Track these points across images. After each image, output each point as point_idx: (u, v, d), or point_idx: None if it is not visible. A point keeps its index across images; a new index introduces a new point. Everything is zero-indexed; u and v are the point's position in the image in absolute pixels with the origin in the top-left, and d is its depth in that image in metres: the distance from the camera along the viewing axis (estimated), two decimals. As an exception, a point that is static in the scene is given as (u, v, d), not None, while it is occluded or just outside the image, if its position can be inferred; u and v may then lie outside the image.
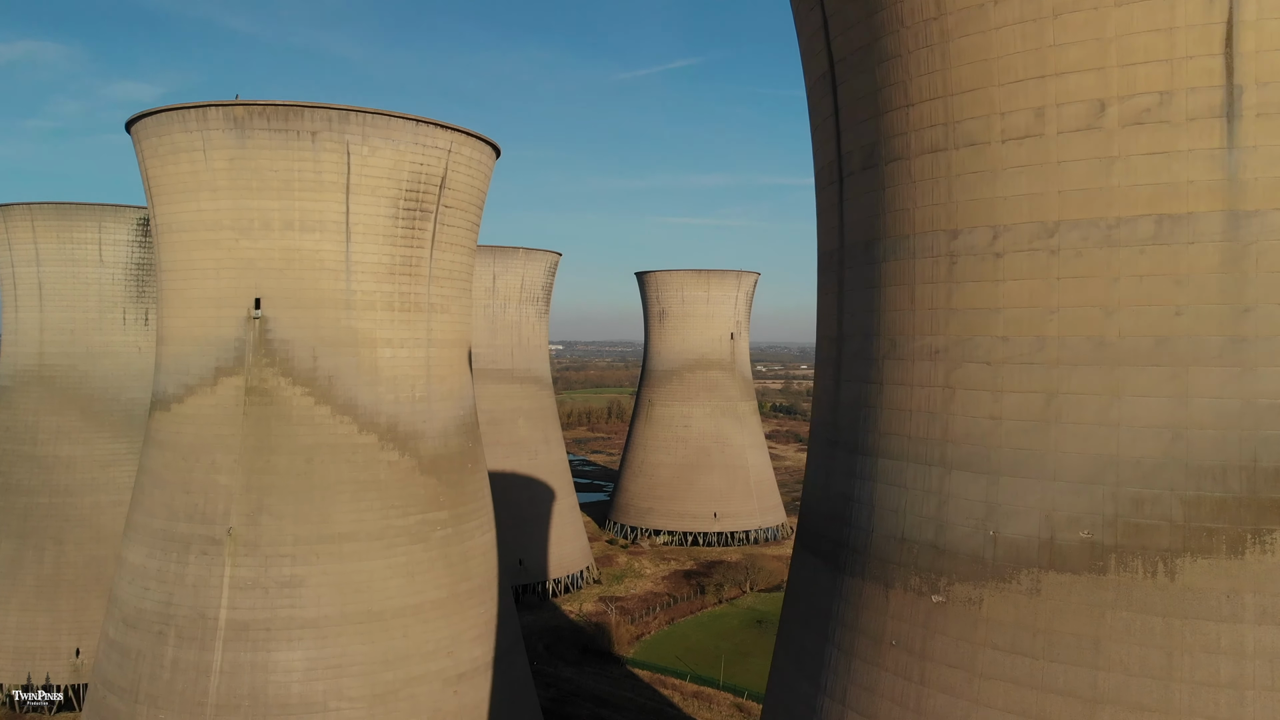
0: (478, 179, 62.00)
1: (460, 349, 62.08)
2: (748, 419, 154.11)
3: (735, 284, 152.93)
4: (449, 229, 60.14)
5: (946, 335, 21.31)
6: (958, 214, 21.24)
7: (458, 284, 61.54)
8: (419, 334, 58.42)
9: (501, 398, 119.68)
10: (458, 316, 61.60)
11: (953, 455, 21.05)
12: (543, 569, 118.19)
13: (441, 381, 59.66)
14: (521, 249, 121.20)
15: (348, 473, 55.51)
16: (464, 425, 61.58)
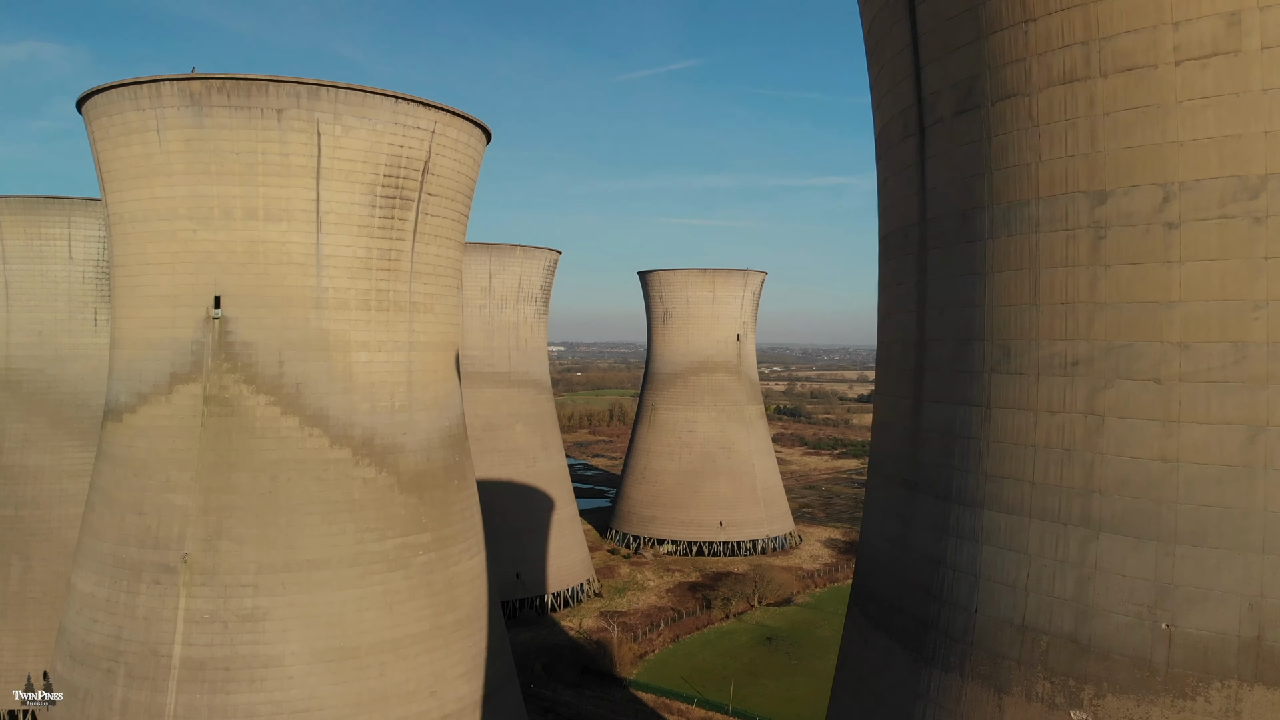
0: (465, 165, 55.44)
1: (446, 353, 55.53)
2: (754, 423, 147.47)
3: (741, 283, 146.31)
4: (433, 220, 53.57)
5: (1091, 341, 14.89)
6: (1107, 169, 14.78)
7: (443, 281, 54.96)
8: (399, 336, 51.83)
9: (498, 402, 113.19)
10: (443, 317, 55.02)
11: (1103, 512, 14.63)
12: (541, 582, 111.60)
13: (424, 389, 53.07)
14: (519, 246, 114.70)
15: (318, 492, 48.92)
16: (450, 437, 54.99)
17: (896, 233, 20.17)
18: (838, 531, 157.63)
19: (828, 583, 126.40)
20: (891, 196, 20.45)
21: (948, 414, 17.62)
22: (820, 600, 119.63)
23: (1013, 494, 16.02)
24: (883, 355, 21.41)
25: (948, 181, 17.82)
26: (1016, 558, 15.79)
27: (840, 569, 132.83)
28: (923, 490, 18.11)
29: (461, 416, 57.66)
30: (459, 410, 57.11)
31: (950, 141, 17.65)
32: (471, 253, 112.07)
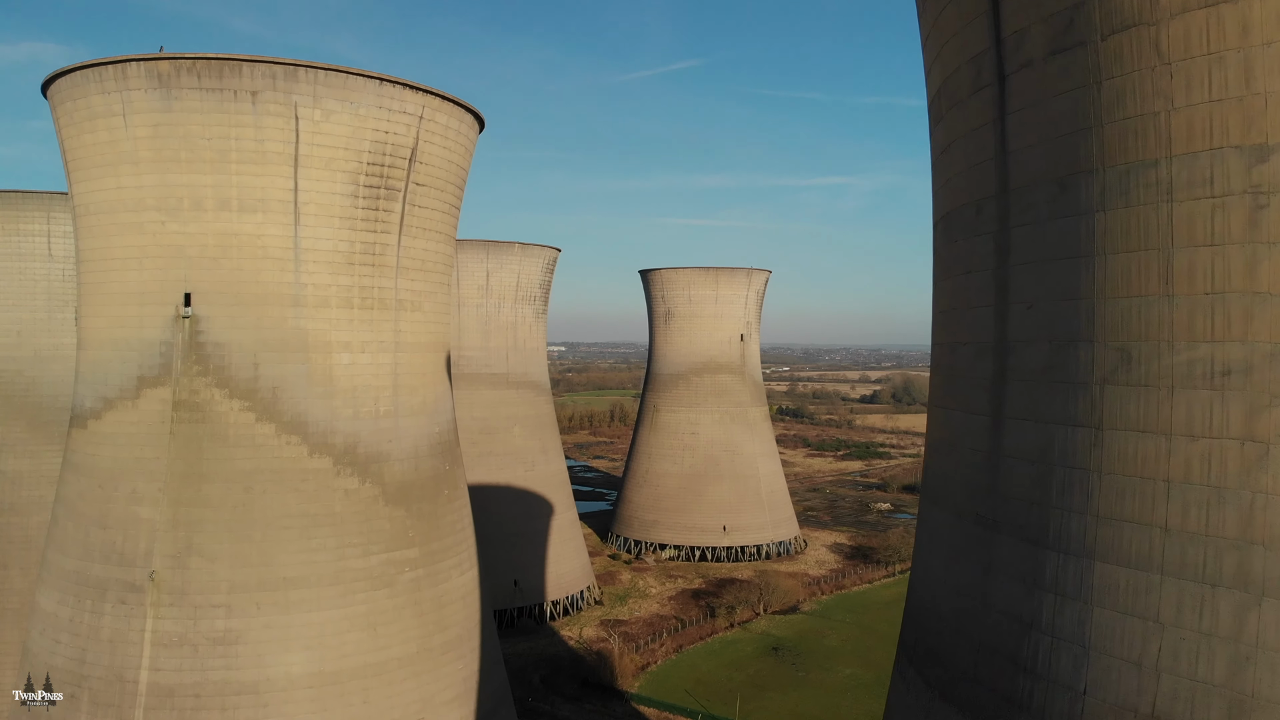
0: (456, 153, 51.67)
1: (435, 354, 51.78)
2: (759, 426, 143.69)
3: (745, 282, 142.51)
4: (421, 211, 49.79)
5: (1249, 344, 11.19)
6: (1268, 115, 11.06)
7: (432, 277, 51.20)
8: (384, 336, 48.06)
9: (495, 404, 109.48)
10: (432, 315, 51.25)
11: (1268, 571, 10.94)
12: (540, 590, 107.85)
13: (412, 393, 49.28)
14: (517, 244, 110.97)
15: (296, 504, 45.15)
16: (440, 445, 51.20)
17: (964, 209, 16.29)
18: (844, 536, 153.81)
19: (834, 589, 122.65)
20: (956, 166, 16.65)
21: (1041, 436, 13.85)
22: (827, 608, 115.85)
23: (1137, 543, 12.24)
24: (944, 360, 17.64)
25: (1039, 141, 14.06)
26: (1144, 626, 12.03)
27: (847, 575, 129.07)
28: (1006, 531, 14.36)
29: (452, 422, 53.90)
30: (450, 416, 53.34)
31: (1043, 90, 13.83)
32: (468, 250, 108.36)
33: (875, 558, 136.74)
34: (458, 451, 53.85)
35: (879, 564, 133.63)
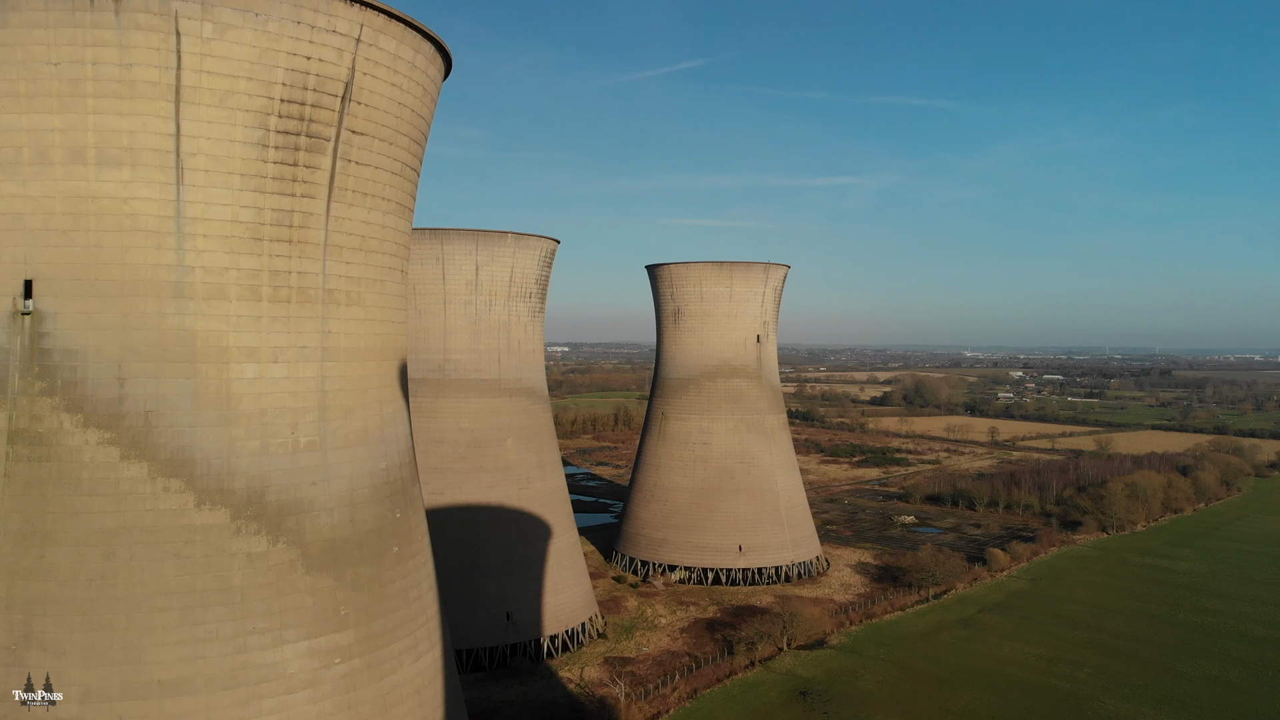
0: (410, 94, 38.37)
1: (383, 363, 38.52)
2: (777, 435, 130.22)
3: (762, 278, 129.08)
4: (361, 171, 36.53)
5: None
6: None
7: (376, 260, 37.90)
8: (306, 340, 34.82)
9: (486, 414, 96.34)
10: (378, 312, 37.97)
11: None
12: (535, 624, 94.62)
13: (347, 416, 36.05)
14: (510, 234, 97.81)
15: (177, 576, 31.95)
16: (388, 485, 37.90)
17: None
18: (868, 554, 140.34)
19: (864, 618, 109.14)
20: None
21: None
22: (858, 641, 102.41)
23: None
24: None
25: None
26: None
27: (876, 600, 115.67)
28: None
29: (408, 454, 40.58)
30: (404, 445, 40.03)
31: None
32: (455, 241, 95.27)
33: (906, 580, 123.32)
34: (415, 491, 40.51)
35: (910, 587, 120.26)
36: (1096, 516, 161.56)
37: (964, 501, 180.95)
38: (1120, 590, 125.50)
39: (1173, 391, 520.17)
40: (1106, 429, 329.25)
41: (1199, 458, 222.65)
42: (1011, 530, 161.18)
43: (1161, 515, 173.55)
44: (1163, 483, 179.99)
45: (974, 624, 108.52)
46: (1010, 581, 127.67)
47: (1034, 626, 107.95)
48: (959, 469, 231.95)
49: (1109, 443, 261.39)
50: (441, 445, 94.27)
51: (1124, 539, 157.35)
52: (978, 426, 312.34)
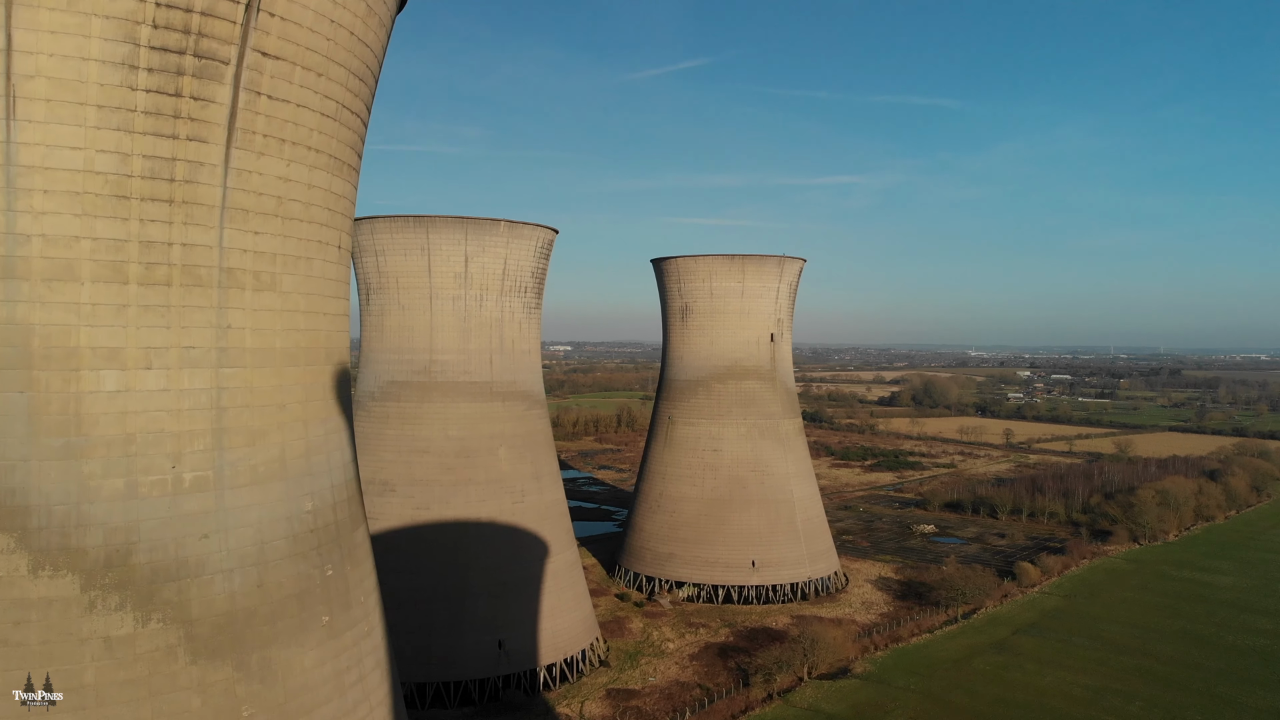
0: (349, 9, 28.84)
1: (309, 369, 28.86)
2: (792, 441, 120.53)
3: (776, 272, 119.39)
4: (276, 109, 26.96)
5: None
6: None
7: (303, 230, 28.28)
8: (196, 338, 25.29)
9: (476, 420, 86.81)
10: (303, 301, 28.40)
11: None
12: (531, 652, 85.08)
13: (256, 442, 26.49)
14: (504, 222, 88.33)
15: (1, 672, 22.56)
16: (314, 534, 28.23)
17: None
18: (889, 568, 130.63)
19: (890, 642, 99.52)
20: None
21: None
22: (884, 669, 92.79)
23: None
24: None
25: None
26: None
27: (901, 621, 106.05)
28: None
29: (349, 487, 30.89)
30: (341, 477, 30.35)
31: None
32: (442, 229, 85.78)
33: (931, 597, 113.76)
34: (358, 538, 30.84)
35: (937, 605, 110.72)
36: (1127, 526, 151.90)
37: (985, 509, 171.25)
38: (1161, 608, 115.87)
39: (1184, 392, 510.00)
40: (1123, 430, 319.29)
41: (1225, 461, 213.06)
42: (1038, 540, 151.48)
43: (1193, 523, 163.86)
44: (1193, 489, 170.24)
45: (1009, 648, 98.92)
46: (1043, 598, 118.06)
47: (1075, 651, 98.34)
48: (976, 473, 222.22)
49: (1128, 445, 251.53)
50: (427, 455, 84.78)
51: (1157, 550, 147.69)
52: (991, 428, 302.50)
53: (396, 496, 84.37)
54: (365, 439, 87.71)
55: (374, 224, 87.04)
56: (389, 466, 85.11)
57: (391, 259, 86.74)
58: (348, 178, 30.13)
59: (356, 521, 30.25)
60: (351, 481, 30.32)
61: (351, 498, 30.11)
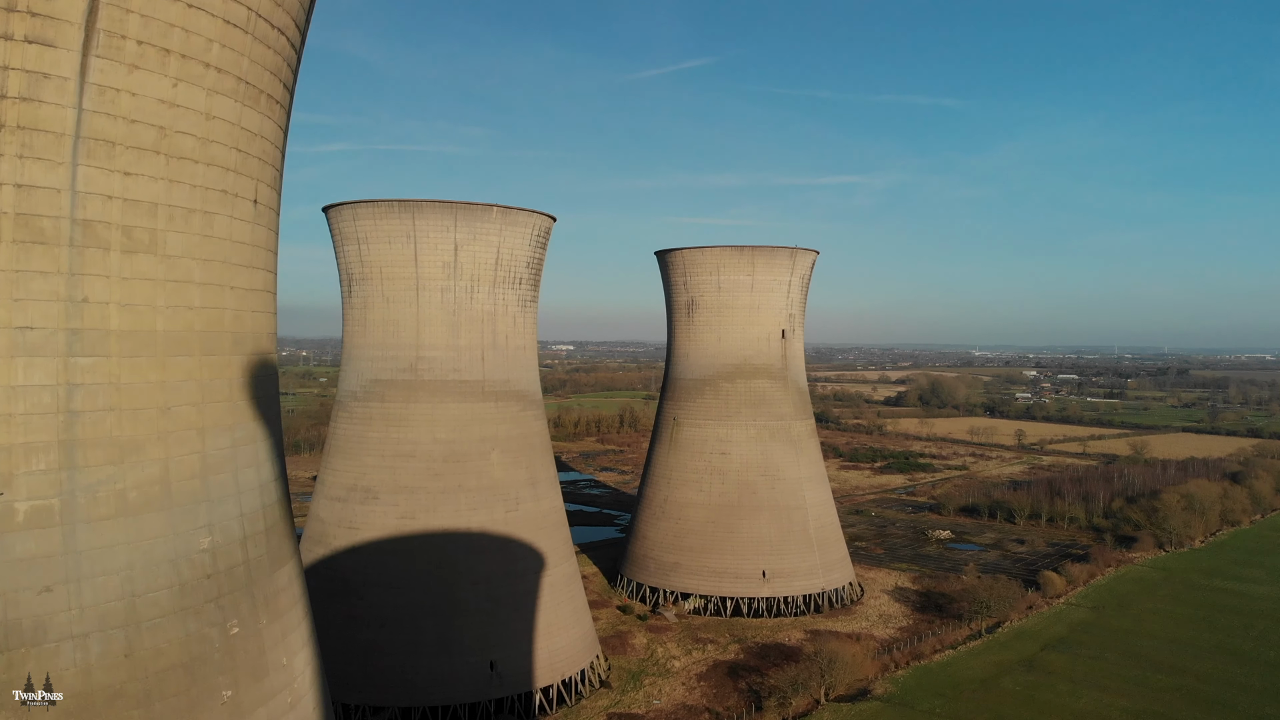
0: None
1: (207, 359, 21.88)
2: (804, 443, 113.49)
3: (788, 264, 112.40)
4: (158, 8, 20.16)
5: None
6: None
7: (199, 175, 21.28)
8: (35, 314, 18.52)
9: (466, 422, 79.89)
10: (199, 269, 21.41)
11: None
12: (525, 673, 78.14)
13: (126, 458, 19.53)
14: (496, 207, 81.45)
15: None
16: (212, 580, 21.11)
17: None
18: (905, 577, 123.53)
19: (911, 659, 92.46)
20: None
21: None
22: (907, 690, 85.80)
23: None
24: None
25: None
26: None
27: (922, 635, 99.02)
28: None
29: (271, 513, 23.86)
30: (258, 501, 23.29)
31: None
32: (430, 215, 78.90)
33: (953, 609, 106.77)
34: (280, 580, 23.78)
35: (959, 618, 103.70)
36: (1152, 531, 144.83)
37: (1002, 513, 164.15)
38: (1195, 620, 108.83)
39: (1193, 392, 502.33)
40: (1136, 431, 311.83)
41: (1246, 464, 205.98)
42: (1060, 547, 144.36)
43: (1219, 528, 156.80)
44: (1218, 493, 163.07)
45: (1039, 665, 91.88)
46: (1070, 610, 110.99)
47: (1109, 669, 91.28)
48: (989, 475, 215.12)
49: (1143, 446, 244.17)
50: (412, 460, 77.89)
51: (1184, 557, 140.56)
52: (1002, 429, 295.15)
53: (380, 505, 77.48)
54: (347, 442, 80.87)
55: (355, 209, 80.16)
56: (372, 472, 78.23)
57: (375, 247, 79.88)
58: (269, 112, 23.25)
59: (280, 558, 23.33)
60: (274, 507, 23.44)
61: (273, 528, 23.18)
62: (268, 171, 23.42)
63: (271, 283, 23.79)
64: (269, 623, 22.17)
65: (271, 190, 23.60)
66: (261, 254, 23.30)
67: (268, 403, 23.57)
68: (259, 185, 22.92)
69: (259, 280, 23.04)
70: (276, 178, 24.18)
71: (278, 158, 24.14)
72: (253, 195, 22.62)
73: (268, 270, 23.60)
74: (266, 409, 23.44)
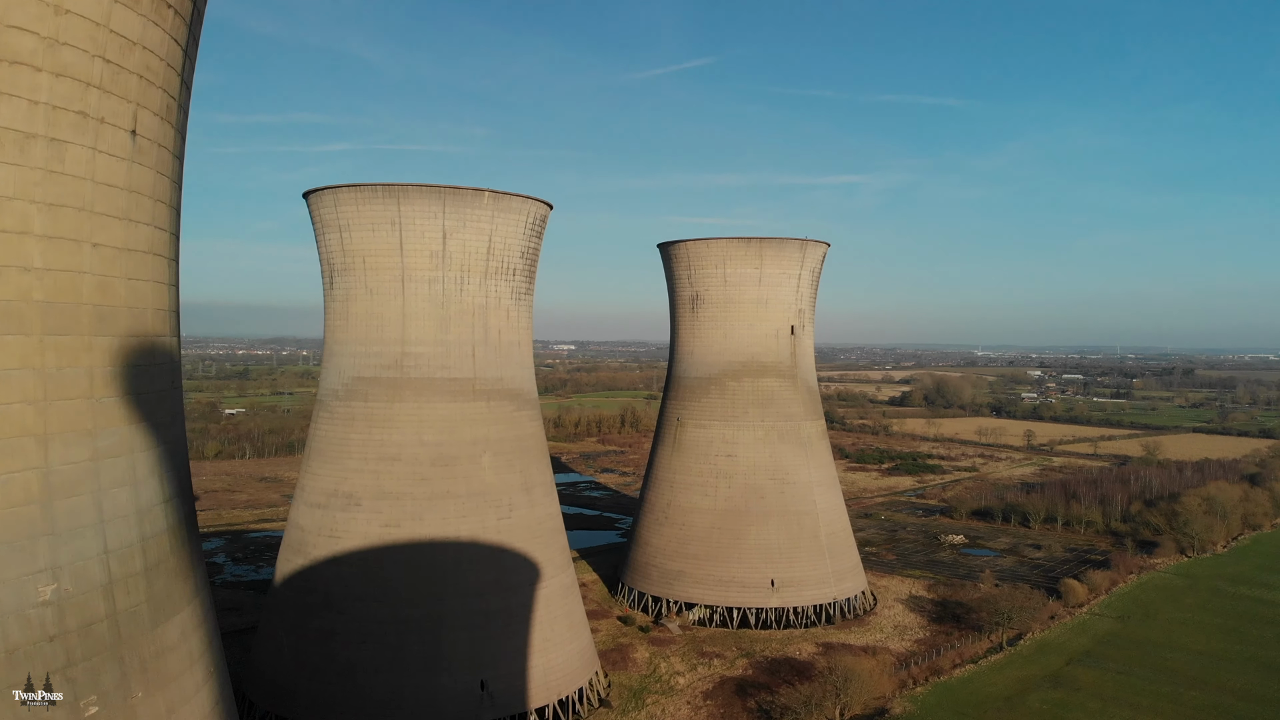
0: None
1: (61, 344, 16.41)
2: (815, 445, 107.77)
3: (798, 257, 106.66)
4: None
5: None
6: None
7: (41, 87, 15.86)
8: None
9: (456, 423, 74.22)
10: (41, 219, 15.94)
11: None
12: (519, 692, 72.47)
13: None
14: (488, 192, 75.79)
15: None
16: (53, 649, 15.67)
17: None
18: (919, 584, 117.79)
19: (930, 675, 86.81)
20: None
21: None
22: (927, 709, 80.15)
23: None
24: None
25: None
26: None
27: (940, 649, 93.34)
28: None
29: (161, 543, 18.13)
30: (145, 529, 17.66)
31: None
32: (417, 200, 73.30)
33: (971, 620, 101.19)
34: (169, 636, 17.93)
35: (978, 630, 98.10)
36: (1173, 536, 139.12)
37: (1016, 517, 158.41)
38: (1225, 631, 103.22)
39: (1200, 392, 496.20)
40: (1146, 431, 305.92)
41: (1263, 465, 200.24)
42: (1078, 552, 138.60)
43: (1240, 532, 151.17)
44: (1239, 495, 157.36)
45: (1065, 681, 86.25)
46: (1094, 621, 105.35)
47: (1139, 686, 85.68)
48: (1000, 477, 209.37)
49: (1156, 447, 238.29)
50: (397, 463, 72.28)
51: (1207, 562, 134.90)
52: (1010, 429, 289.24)
53: (362, 512, 71.86)
54: (328, 444, 75.27)
55: (337, 194, 74.54)
56: (354, 477, 72.60)
57: (357, 235, 74.26)
58: (156, 17, 17.60)
59: (169, 607, 17.64)
60: (162, 538, 17.79)
61: (158, 567, 17.50)
62: (154, 96, 17.84)
63: (165, 244, 18.23)
64: (147, 696, 16.53)
65: (163, 124, 18.04)
66: (145, 204, 17.70)
67: (156, 401, 17.96)
68: (139, 112, 17.34)
69: (141, 238, 17.44)
70: (173, 110, 18.58)
71: (174, 83, 18.56)
72: (129, 124, 17.04)
73: (157, 227, 18.03)
74: (153, 409, 17.83)
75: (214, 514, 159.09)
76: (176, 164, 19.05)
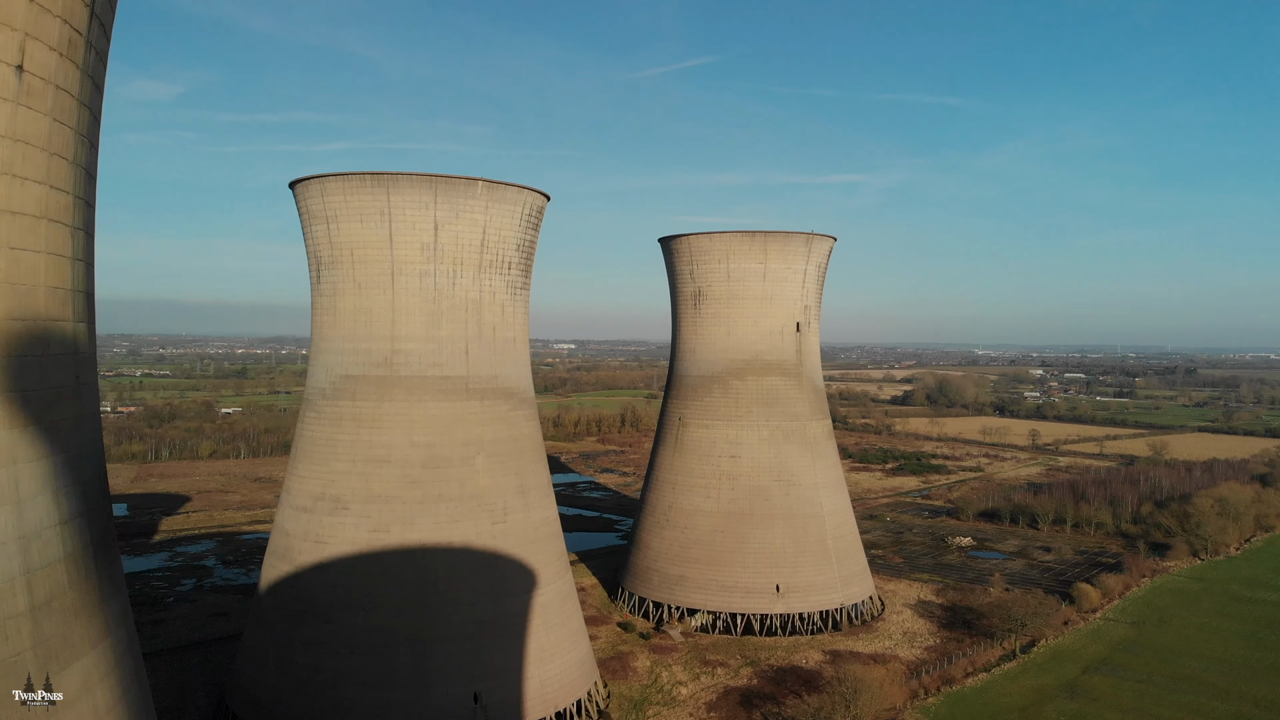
0: None
1: None
2: (821, 446, 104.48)
3: (804, 252, 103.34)
4: None
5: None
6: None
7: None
8: None
9: (448, 423, 70.91)
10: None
11: None
12: (515, 705, 69.16)
13: None
14: (482, 181, 72.50)
15: None
16: None
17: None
18: (928, 589, 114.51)
19: (941, 684, 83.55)
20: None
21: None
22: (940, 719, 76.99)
23: None
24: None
25: None
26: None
27: (952, 656, 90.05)
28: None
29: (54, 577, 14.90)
30: (55, 551, 14.36)
31: None
32: (407, 190, 69.97)
33: (982, 626, 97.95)
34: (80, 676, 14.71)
35: (990, 636, 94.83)
36: (1186, 538, 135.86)
37: (1024, 518, 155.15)
38: (1243, 637, 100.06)
39: (1204, 391, 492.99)
40: (1151, 431, 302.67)
41: (1273, 465, 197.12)
42: (1088, 555, 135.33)
43: (1253, 534, 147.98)
44: (1250, 496, 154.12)
45: (1082, 691, 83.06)
46: (1109, 626, 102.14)
47: (1159, 696, 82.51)
48: (1005, 477, 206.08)
49: (1162, 447, 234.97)
50: (387, 466, 68.97)
51: (1221, 565, 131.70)
52: (1014, 429, 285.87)
53: (350, 516, 68.54)
54: (314, 445, 71.98)
55: (324, 184, 71.19)
56: (342, 479, 69.30)
57: (345, 226, 70.94)
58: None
59: (65, 654, 14.25)
60: (54, 570, 14.38)
61: (48, 606, 14.08)
62: (51, 28, 14.58)
63: (66, 210, 15.00)
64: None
65: (64, 61, 14.78)
66: (36, 156, 14.47)
67: (51, 400, 14.70)
68: (28, 41, 14.09)
69: (29, 198, 14.18)
70: (78, 48, 15.29)
71: (79, 15, 15.25)
72: (15, 57, 13.80)
73: (55, 187, 14.80)
74: (46, 410, 14.57)
75: (206, 515, 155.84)
76: (87, 115, 15.81)
